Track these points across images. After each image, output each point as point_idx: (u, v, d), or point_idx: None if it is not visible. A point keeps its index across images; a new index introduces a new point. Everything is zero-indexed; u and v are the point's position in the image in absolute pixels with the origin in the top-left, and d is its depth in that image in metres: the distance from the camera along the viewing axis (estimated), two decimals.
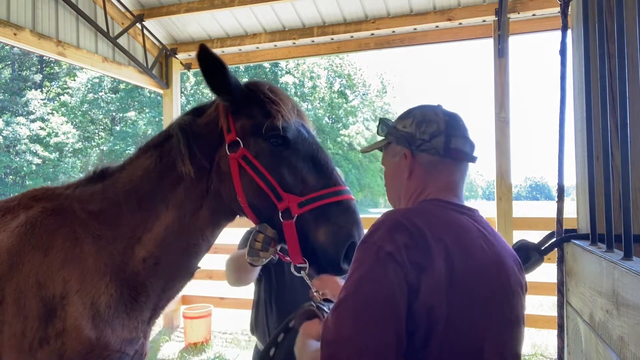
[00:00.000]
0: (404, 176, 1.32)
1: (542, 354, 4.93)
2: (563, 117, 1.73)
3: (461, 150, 1.28)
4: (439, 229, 1.09)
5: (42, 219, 1.61)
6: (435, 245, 1.05)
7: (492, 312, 1.11)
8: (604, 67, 1.29)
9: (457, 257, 1.07)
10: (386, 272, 1.00)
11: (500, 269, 1.16)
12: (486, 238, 1.19)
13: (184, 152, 1.63)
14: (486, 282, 1.11)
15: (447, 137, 1.26)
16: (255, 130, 1.60)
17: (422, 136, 1.28)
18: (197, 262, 1.76)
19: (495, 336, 1.11)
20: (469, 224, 1.18)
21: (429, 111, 1.32)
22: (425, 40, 5.29)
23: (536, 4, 4.67)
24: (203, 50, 1.56)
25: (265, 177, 1.55)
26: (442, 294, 1.02)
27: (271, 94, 1.63)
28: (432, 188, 1.28)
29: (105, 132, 31.74)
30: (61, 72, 32.72)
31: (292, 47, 5.83)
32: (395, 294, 0.99)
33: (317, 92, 33.59)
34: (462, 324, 1.05)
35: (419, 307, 1.01)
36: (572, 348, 1.54)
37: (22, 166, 27.09)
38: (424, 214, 1.15)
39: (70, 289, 1.52)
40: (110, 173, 1.75)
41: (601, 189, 1.35)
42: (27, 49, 4.50)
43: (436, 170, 1.28)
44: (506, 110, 4.86)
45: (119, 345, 1.57)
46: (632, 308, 0.96)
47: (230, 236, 5.49)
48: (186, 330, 5.46)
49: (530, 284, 5.18)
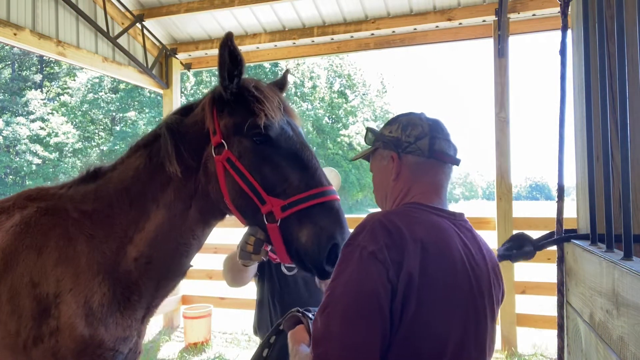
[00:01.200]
0: (391, 178, 1.36)
1: (542, 354, 4.93)
2: (563, 117, 1.73)
3: (445, 152, 1.34)
4: (417, 230, 1.15)
5: (37, 218, 1.63)
6: (413, 244, 1.11)
7: (457, 311, 1.17)
8: (604, 67, 1.29)
9: (431, 257, 1.13)
10: (369, 272, 1.06)
11: (473, 272, 1.22)
12: (463, 241, 1.25)
13: (170, 152, 1.64)
14: (455, 281, 1.17)
15: (432, 139, 1.32)
16: (238, 129, 1.59)
17: (408, 139, 1.34)
18: (189, 261, 1.77)
19: (460, 334, 1.17)
20: (446, 227, 1.24)
21: (414, 117, 1.38)
22: (425, 40, 5.29)
23: (536, 4, 4.68)
24: (229, 38, 1.52)
25: (247, 180, 1.54)
26: (414, 290, 1.08)
27: (256, 91, 1.61)
28: (417, 190, 1.33)
29: (105, 132, 31.75)
30: (61, 72, 32.72)
31: (292, 47, 5.83)
32: (379, 291, 1.05)
33: (317, 92, 33.59)
34: (428, 319, 1.11)
35: (397, 302, 1.08)
36: (572, 348, 1.55)
37: (22, 166, 27.09)
38: (404, 216, 1.21)
39: (64, 287, 1.53)
40: (102, 173, 1.76)
41: (601, 189, 1.35)
42: (27, 49, 4.50)
43: (421, 171, 1.33)
44: (506, 110, 4.86)
45: (113, 343, 1.59)
46: (632, 308, 0.96)
47: (230, 236, 5.49)
48: (186, 330, 5.46)
49: (530, 283, 5.15)
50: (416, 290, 1.09)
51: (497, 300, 1.32)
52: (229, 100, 1.62)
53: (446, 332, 1.14)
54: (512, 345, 4.87)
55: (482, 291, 1.23)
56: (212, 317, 5.65)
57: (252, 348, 5.30)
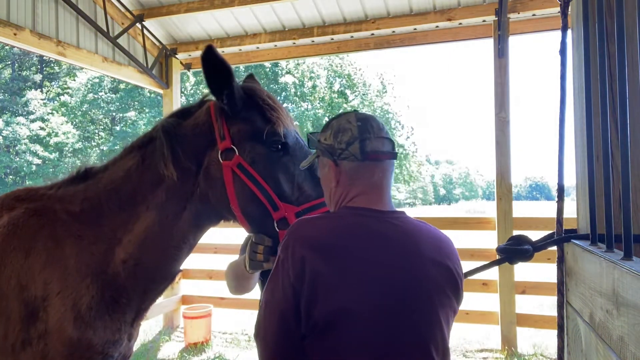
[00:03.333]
0: (332, 185, 1.38)
1: (542, 354, 4.93)
2: (563, 117, 1.73)
3: (378, 151, 1.33)
4: (337, 235, 1.21)
5: (24, 219, 1.61)
6: (329, 251, 1.18)
7: (379, 312, 1.17)
8: (604, 67, 1.29)
9: (349, 261, 1.18)
10: (279, 278, 1.20)
11: (387, 271, 1.20)
12: (390, 242, 1.23)
13: (166, 155, 1.63)
14: (376, 283, 1.18)
15: (362, 142, 1.32)
16: (255, 135, 1.60)
17: (340, 145, 1.34)
18: (179, 265, 1.76)
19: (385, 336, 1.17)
20: (373, 229, 1.25)
21: (343, 120, 1.37)
22: (425, 40, 5.29)
23: (536, 4, 4.68)
24: (209, 50, 1.53)
25: (261, 186, 1.56)
26: (333, 293, 1.15)
27: (270, 100, 1.64)
28: (354, 192, 1.34)
29: (105, 132, 31.74)
30: (61, 72, 32.71)
31: (292, 47, 5.83)
32: (286, 295, 1.18)
33: (317, 92, 33.58)
34: (351, 323, 1.14)
35: (318, 311, 1.15)
36: (572, 348, 1.54)
37: (22, 166, 27.08)
38: (325, 221, 1.26)
39: (52, 290, 1.52)
40: (93, 173, 1.75)
41: (601, 189, 1.35)
42: (27, 49, 4.50)
43: (358, 174, 1.33)
44: (506, 110, 4.86)
45: (102, 347, 1.57)
46: (632, 308, 0.96)
47: (230, 236, 5.49)
48: (186, 330, 5.46)
49: (530, 283, 5.15)
50: (335, 294, 1.14)
51: (439, 289, 1.23)
52: (241, 106, 1.62)
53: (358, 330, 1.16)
54: (512, 345, 4.87)
55: (405, 287, 1.19)
56: (212, 317, 5.65)
57: (252, 348, 5.30)
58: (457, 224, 5.38)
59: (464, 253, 5.20)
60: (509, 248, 1.71)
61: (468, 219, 5.87)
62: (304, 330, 1.18)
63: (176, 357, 5.10)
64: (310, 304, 1.15)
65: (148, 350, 5.26)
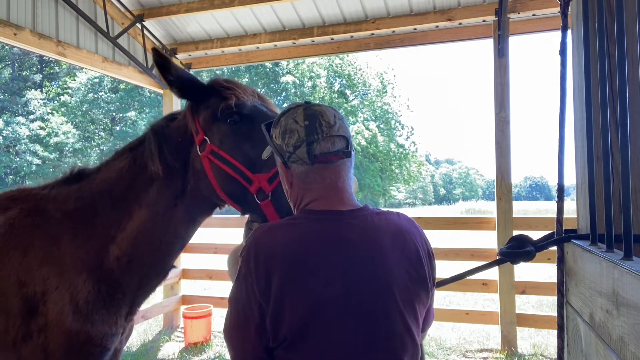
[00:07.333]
0: (287, 187, 1.33)
1: (542, 354, 4.93)
2: (563, 117, 1.73)
3: (328, 152, 1.24)
4: (297, 245, 1.18)
5: (20, 219, 1.68)
6: (291, 263, 1.14)
7: (346, 315, 1.15)
8: (604, 67, 1.29)
9: (312, 270, 1.15)
10: (242, 291, 1.18)
11: (363, 275, 1.17)
12: (350, 244, 1.19)
13: (154, 152, 1.71)
14: (340, 287, 1.15)
15: (309, 145, 1.23)
16: (214, 117, 1.67)
17: (288, 148, 1.26)
18: (172, 261, 1.82)
19: (355, 337, 1.15)
20: (333, 234, 1.20)
21: (290, 120, 1.28)
22: (425, 40, 5.29)
23: (536, 4, 4.68)
24: (154, 51, 1.65)
25: (231, 164, 1.60)
26: (299, 306, 1.13)
27: (226, 82, 1.72)
28: (310, 197, 1.27)
29: (105, 132, 31.76)
30: (61, 72, 32.72)
31: (292, 47, 5.83)
32: (251, 309, 1.16)
33: (317, 92, 33.56)
34: (321, 330, 1.13)
35: (286, 325, 1.13)
36: (572, 348, 1.55)
37: (22, 166, 27.10)
38: (283, 231, 1.22)
39: (50, 286, 1.58)
40: (86, 174, 1.82)
41: (601, 189, 1.35)
42: (27, 49, 4.50)
43: (310, 177, 1.26)
44: (506, 110, 4.87)
45: (100, 339, 1.63)
46: (632, 308, 0.96)
47: (231, 236, 5.49)
48: (186, 330, 5.46)
49: (530, 283, 5.17)
50: (285, 307, 1.13)
51: (400, 283, 1.21)
52: (203, 97, 1.72)
53: (329, 336, 1.14)
54: (512, 345, 4.87)
55: (368, 288, 1.17)
56: (212, 317, 5.66)
57: None
58: (457, 224, 5.38)
59: (464, 253, 5.20)
60: (510, 252, 1.70)
61: (468, 219, 5.87)
62: (272, 344, 1.17)
63: (176, 357, 5.10)
64: (276, 321, 1.14)
65: (148, 350, 5.26)
